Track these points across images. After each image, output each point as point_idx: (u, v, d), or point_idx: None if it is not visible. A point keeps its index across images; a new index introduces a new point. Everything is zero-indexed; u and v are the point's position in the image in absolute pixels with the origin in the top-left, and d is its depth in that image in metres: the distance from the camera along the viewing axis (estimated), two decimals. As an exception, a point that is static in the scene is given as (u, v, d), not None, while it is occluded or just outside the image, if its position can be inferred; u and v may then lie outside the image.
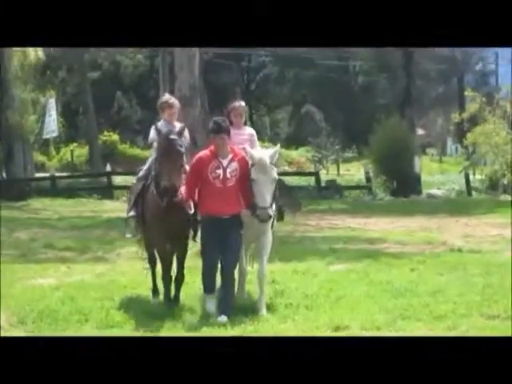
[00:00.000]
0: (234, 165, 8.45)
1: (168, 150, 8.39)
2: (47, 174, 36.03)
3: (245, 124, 9.45)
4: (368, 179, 31.66)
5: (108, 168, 33.50)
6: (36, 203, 28.05)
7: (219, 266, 8.61)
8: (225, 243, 8.43)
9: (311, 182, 30.74)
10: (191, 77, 23.28)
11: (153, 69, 52.06)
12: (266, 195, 8.27)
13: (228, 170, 8.41)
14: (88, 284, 10.80)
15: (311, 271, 11.35)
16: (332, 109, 56.90)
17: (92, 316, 8.80)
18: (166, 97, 9.67)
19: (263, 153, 8.53)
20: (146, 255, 9.71)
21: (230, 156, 8.47)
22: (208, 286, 8.67)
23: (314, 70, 54.07)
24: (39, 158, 45.66)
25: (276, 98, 65.04)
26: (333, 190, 30.70)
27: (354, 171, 43.28)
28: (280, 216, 9.47)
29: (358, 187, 32.09)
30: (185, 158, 8.68)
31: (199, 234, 8.94)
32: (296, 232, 17.14)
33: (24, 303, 9.34)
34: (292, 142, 54.83)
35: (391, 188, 30.39)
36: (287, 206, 9.69)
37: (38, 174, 36.02)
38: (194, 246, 9.46)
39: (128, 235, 9.51)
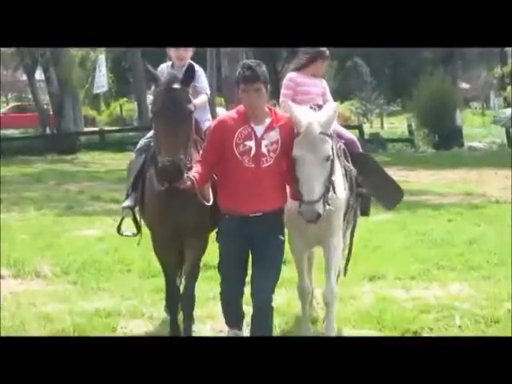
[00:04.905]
0: (274, 134, 5.41)
1: (167, 107, 5.38)
2: (97, 129, 37.07)
3: None
4: (411, 132, 32.43)
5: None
6: (85, 157, 28.72)
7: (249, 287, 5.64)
8: (256, 253, 5.51)
9: (355, 135, 30.85)
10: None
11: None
12: (312, 183, 5.31)
13: (264, 143, 5.38)
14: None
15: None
16: (378, 63, 55.55)
17: (134, 266, 9.07)
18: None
19: (314, 116, 5.50)
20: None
21: (269, 121, 5.43)
22: (230, 317, 5.82)
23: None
24: (89, 112, 46.57)
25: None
26: (376, 143, 30.49)
27: (398, 124, 42.73)
28: (365, 209, 6.92)
29: (400, 140, 32.68)
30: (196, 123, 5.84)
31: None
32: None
33: (68, 254, 9.70)
34: (337, 96, 54.50)
35: (433, 141, 30.83)
36: (380, 197, 6.89)
37: (88, 129, 36.94)
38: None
39: (126, 233, 6.73)
